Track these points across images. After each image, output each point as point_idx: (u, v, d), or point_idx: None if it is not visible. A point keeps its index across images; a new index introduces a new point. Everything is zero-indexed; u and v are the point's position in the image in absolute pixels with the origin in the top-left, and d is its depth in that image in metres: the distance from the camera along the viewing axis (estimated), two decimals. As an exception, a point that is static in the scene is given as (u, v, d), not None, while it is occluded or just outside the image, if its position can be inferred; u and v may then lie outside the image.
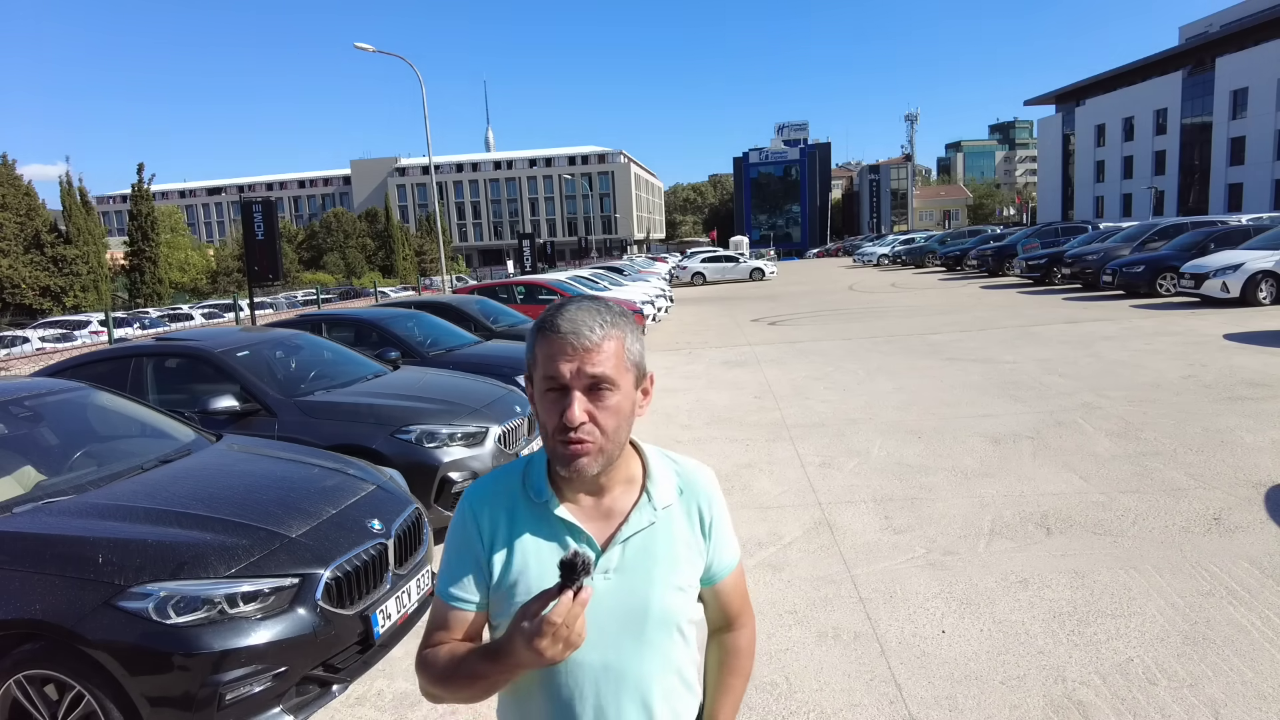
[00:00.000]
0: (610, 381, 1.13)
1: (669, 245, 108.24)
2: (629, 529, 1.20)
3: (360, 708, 3.29)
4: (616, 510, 1.21)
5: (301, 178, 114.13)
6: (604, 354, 1.12)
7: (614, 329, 1.15)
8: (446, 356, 8.19)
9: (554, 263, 47.26)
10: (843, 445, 6.68)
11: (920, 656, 3.32)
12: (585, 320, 1.13)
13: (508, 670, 1.07)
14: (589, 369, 1.11)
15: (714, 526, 1.29)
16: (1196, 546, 4.18)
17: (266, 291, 30.57)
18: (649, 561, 1.20)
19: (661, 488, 1.24)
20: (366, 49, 25.26)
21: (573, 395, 1.11)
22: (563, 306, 1.16)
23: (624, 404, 1.15)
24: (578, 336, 1.12)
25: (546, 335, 1.14)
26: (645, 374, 1.22)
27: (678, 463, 1.30)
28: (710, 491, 1.30)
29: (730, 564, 1.33)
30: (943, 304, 18.83)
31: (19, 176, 30.41)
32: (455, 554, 1.23)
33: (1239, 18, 53.63)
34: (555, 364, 1.12)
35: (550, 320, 1.15)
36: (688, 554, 1.25)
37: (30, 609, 2.69)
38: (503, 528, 1.20)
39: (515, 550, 1.19)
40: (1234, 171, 50.57)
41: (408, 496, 3.96)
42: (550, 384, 1.13)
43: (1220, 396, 7.35)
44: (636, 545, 1.20)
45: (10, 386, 4.26)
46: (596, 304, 1.18)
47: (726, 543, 1.31)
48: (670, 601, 1.21)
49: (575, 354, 1.11)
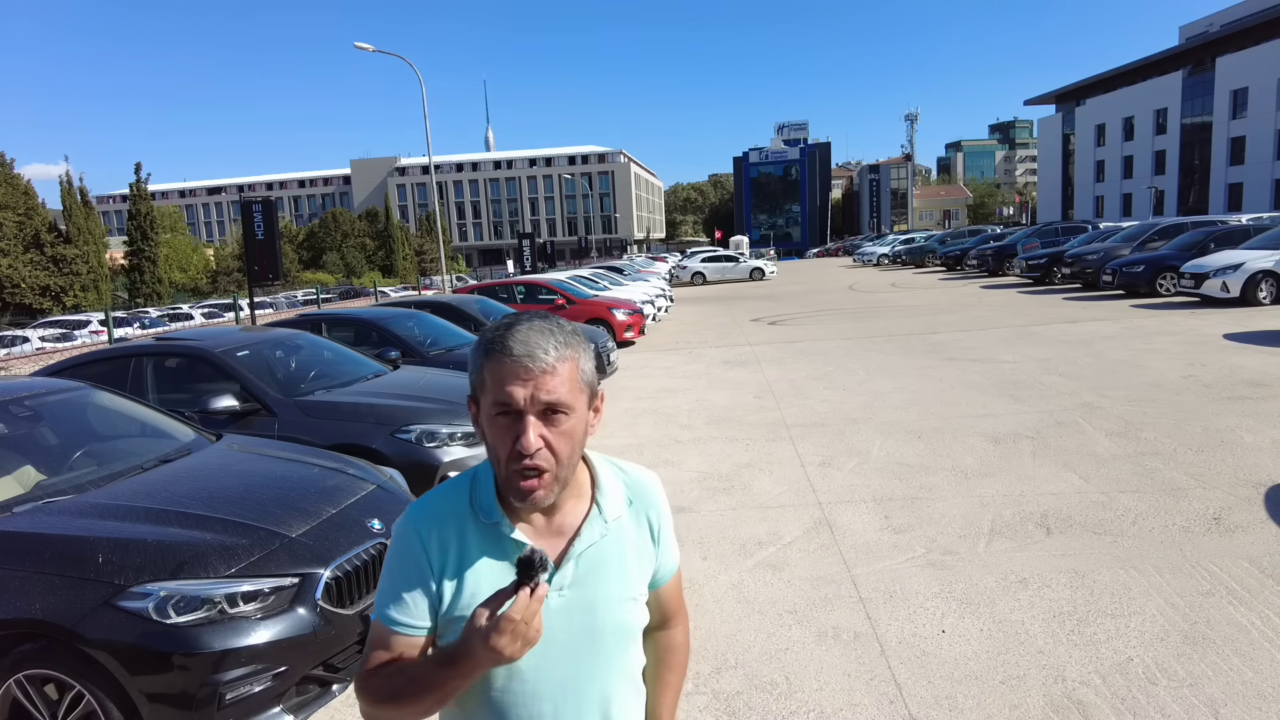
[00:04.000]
0: (566, 406, 1.08)
1: (669, 245, 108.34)
2: (581, 543, 1.17)
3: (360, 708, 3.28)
4: (568, 525, 1.18)
5: (301, 177, 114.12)
6: (559, 378, 1.07)
7: (568, 349, 1.09)
8: (446, 356, 8.20)
9: (554, 262, 47.25)
10: (843, 445, 6.68)
11: (920, 656, 3.32)
12: (539, 342, 1.07)
13: (464, 674, 1.04)
14: (543, 395, 1.06)
15: (662, 534, 1.28)
16: (1196, 546, 4.18)
17: (266, 291, 30.58)
18: (603, 574, 1.18)
19: (611, 499, 1.22)
20: (366, 49, 25.25)
21: (526, 421, 1.06)
22: (513, 326, 1.09)
23: (578, 427, 1.11)
24: (532, 359, 1.05)
25: (497, 357, 1.07)
26: (597, 393, 1.17)
27: (625, 471, 1.28)
28: (658, 500, 1.29)
29: (673, 568, 1.33)
30: (943, 304, 18.83)
31: (18, 176, 30.42)
32: (400, 576, 1.16)
33: (1239, 18, 53.61)
34: (507, 388, 1.05)
35: (500, 340, 1.08)
36: (638, 562, 1.24)
37: (30, 609, 2.69)
38: (453, 551, 1.15)
39: (468, 575, 1.14)
40: (1234, 171, 50.56)
41: (408, 496, 3.97)
42: (502, 409, 1.07)
43: (1220, 396, 7.35)
44: (590, 559, 1.18)
45: (10, 386, 4.26)
46: (548, 323, 1.11)
47: (671, 548, 1.31)
48: (625, 613, 1.20)
49: (529, 378, 1.05)
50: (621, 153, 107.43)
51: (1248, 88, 48.71)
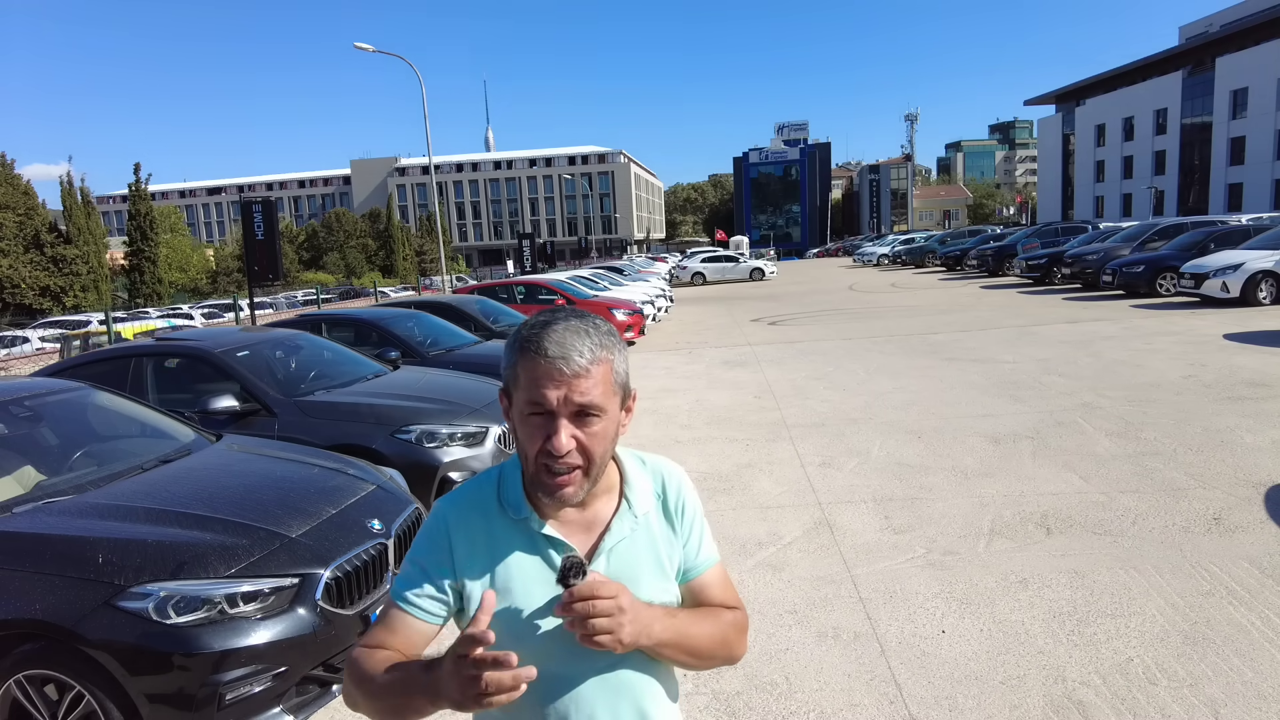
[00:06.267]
0: (599, 409, 1.08)
1: (669, 245, 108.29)
2: (612, 538, 1.18)
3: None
4: (598, 521, 1.19)
5: (301, 178, 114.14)
6: (593, 380, 1.07)
7: (603, 351, 1.09)
8: (446, 356, 8.19)
9: (554, 263, 47.26)
10: (843, 445, 6.68)
11: (920, 656, 3.32)
12: (574, 344, 1.07)
13: (430, 698, 1.03)
14: (577, 398, 1.06)
15: (691, 524, 1.27)
16: (1196, 546, 4.18)
17: (266, 291, 30.56)
18: (635, 568, 1.19)
19: (640, 494, 1.23)
20: (366, 49, 25.26)
21: (559, 423, 1.07)
22: (549, 325, 1.09)
23: (609, 428, 1.12)
24: (567, 362, 1.05)
25: (531, 357, 1.07)
26: (630, 393, 1.17)
27: (650, 464, 1.29)
28: (685, 491, 1.29)
29: (710, 560, 1.29)
30: (943, 304, 18.83)
31: (19, 176, 30.42)
32: (423, 561, 1.18)
33: (1239, 18, 53.59)
34: (541, 389, 1.06)
35: (536, 340, 1.08)
36: (669, 554, 1.24)
37: (30, 609, 2.69)
38: (481, 544, 1.17)
39: (498, 570, 1.16)
40: (1234, 171, 50.55)
41: (408, 496, 3.96)
42: (534, 409, 1.08)
43: (1220, 396, 7.35)
44: (621, 554, 1.19)
45: (10, 386, 4.26)
46: (584, 323, 1.11)
47: (701, 538, 1.29)
48: (659, 600, 1.20)
49: (563, 380, 1.05)
50: (621, 153, 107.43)
51: (1248, 88, 48.70)
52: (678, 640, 1.15)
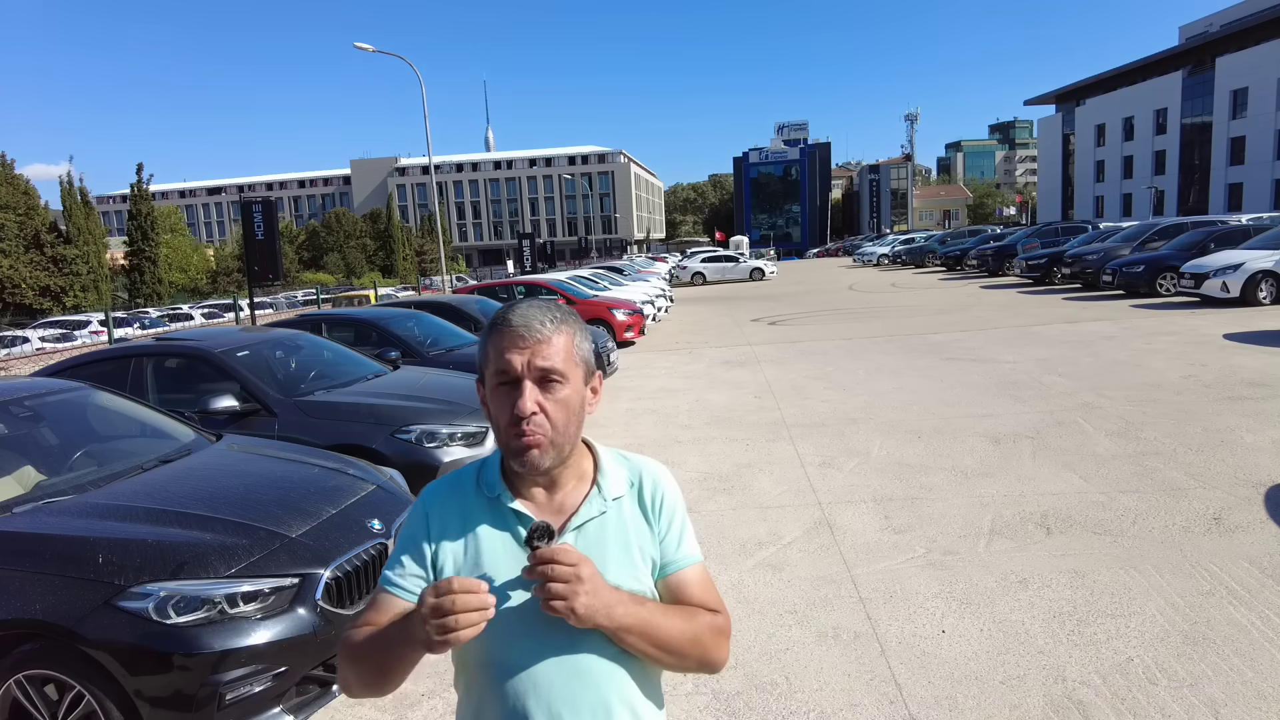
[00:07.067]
0: (560, 374, 1.16)
1: (669, 245, 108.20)
2: (580, 517, 1.22)
3: (360, 708, 3.29)
4: (569, 505, 1.24)
5: (301, 178, 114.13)
6: (554, 347, 1.16)
7: (564, 324, 1.19)
8: (446, 356, 8.20)
9: (554, 263, 47.25)
10: (843, 445, 6.68)
11: (920, 656, 3.32)
12: (536, 315, 1.17)
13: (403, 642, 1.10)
14: (539, 361, 1.15)
15: (666, 515, 1.27)
16: (1196, 546, 4.18)
17: (266, 291, 30.57)
18: (602, 549, 1.21)
19: (612, 480, 1.26)
20: (366, 49, 25.25)
21: (524, 386, 1.14)
22: (514, 305, 1.21)
23: (573, 398, 1.18)
24: (528, 329, 1.15)
25: (498, 330, 1.18)
26: (594, 372, 1.25)
27: (630, 460, 1.32)
28: (663, 484, 1.30)
29: (690, 558, 1.27)
30: (943, 304, 18.83)
31: (19, 176, 30.42)
32: (402, 545, 1.26)
33: (1239, 18, 53.59)
34: (506, 356, 1.15)
35: (502, 317, 1.19)
36: (640, 544, 1.24)
37: (30, 609, 2.69)
38: (454, 521, 1.23)
39: (468, 543, 1.22)
40: (1234, 171, 50.55)
41: (408, 496, 3.97)
42: (502, 378, 1.16)
43: (1220, 396, 7.35)
44: (590, 533, 1.21)
45: (10, 386, 4.26)
46: (546, 302, 1.22)
47: (680, 534, 1.28)
48: (627, 587, 1.19)
49: (526, 346, 1.15)
50: (621, 153, 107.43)
51: (1248, 88, 48.70)
52: (642, 629, 1.14)
